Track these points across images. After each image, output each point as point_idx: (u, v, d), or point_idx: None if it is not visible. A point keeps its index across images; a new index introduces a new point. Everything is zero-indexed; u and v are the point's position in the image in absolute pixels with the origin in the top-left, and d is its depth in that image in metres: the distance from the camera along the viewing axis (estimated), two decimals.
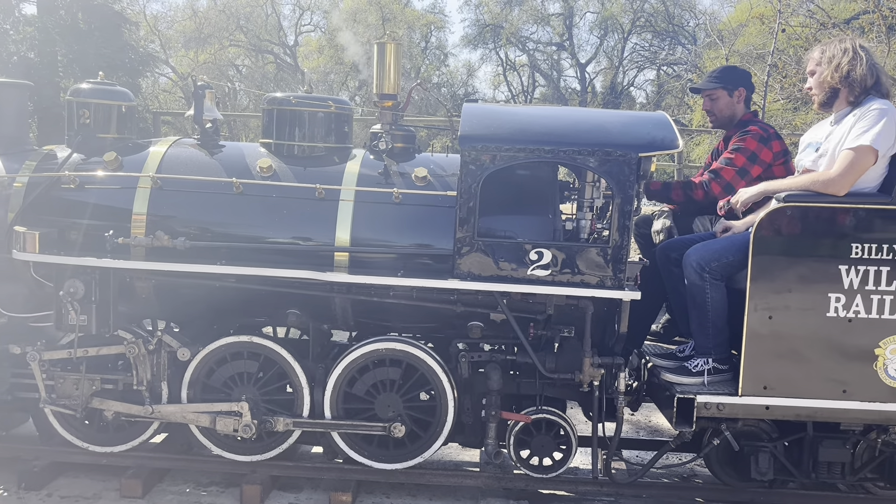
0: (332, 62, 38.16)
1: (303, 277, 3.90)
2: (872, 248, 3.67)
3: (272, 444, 4.25)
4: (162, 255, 3.97)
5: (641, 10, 41.00)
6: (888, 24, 11.89)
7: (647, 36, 42.35)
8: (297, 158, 4.28)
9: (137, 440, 4.28)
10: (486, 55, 43.71)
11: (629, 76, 43.12)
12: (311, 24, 40.79)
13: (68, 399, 4.08)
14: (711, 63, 24.67)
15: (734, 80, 4.58)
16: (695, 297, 3.90)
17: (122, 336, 4.11)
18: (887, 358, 3.73)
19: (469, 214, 3.79)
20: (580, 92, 41.58)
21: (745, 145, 4.31)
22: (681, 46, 40.91)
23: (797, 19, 14.43)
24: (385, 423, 4.08)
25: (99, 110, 4.34)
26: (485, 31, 42.61)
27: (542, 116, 4.07)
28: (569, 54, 43.44)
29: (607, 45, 43.67)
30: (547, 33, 43.52)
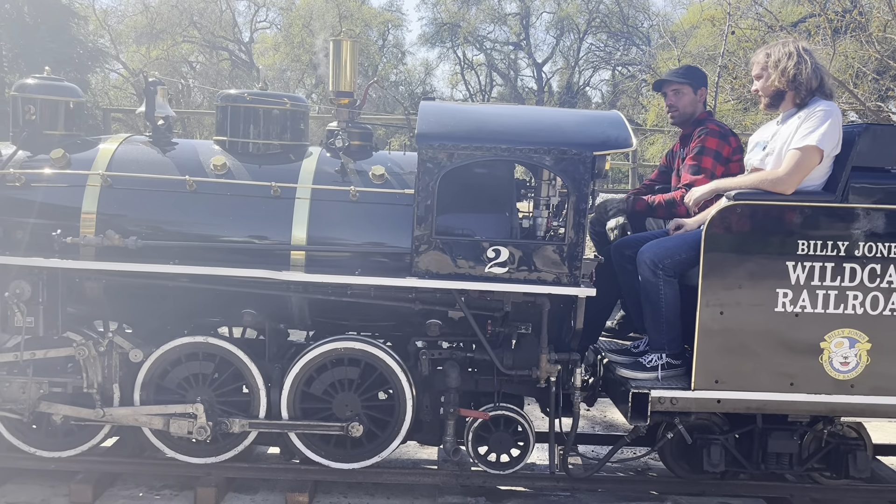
0: (289, 59, 37.85)
1: (259, 277, 3.86)
2: (818, 245, 3.78)
3: (228, 445, 4.21)
4: (113, 254, 3.89)
5: (597, 11, 41.50)
6: (833, 27, 12.23)
7: (602, 36, 42.89)
8: (252, 156, 4.24)
9: (87, 444, 4.20)
10: (443, 54, 43.77)
11: (585, 76, 43.61)
12: (267, 20, 40.34)
13: (14, 403, 3.98)
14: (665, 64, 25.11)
15: (698, 78, 4.66)
16: (648, 294, 3.96)
17: (71, 338, 4.02)
18: (832, 351, 3.84)
19: (427, 212, 3.80)
20: (537, 91, 41.92)
21: (707, 145, 4.37)
22: (635, 47, 41.54)
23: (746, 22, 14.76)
24: (343, 423, 4.06)
25: (45, 106, 4.24)
26: (442, 30, 42.70)
27: (499, 115, 4.10)
28: (525, 54, 43.75)
29: (563, 46, 44.06)
30: (504, 33, 43.74)
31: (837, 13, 12.51)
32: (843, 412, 3.95)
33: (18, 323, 3.87)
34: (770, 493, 4.26)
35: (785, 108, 3.96)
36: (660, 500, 4.13)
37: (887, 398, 3.87)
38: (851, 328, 3.82)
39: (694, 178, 4.32)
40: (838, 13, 12.51)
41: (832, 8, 12.69)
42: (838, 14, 12.47)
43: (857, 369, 3.85)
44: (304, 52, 37.22)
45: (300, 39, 36.78)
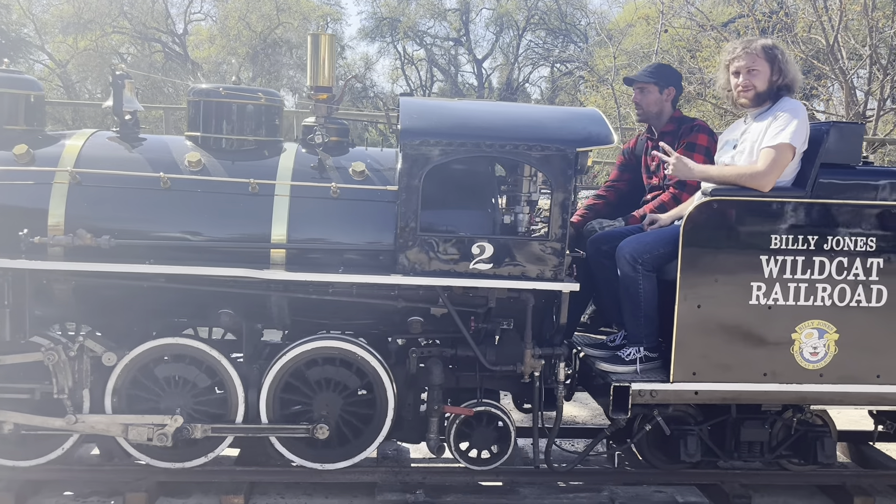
0: (225, 52, 37.16)
1: (239, 276, 3.80)
2: (789, 239, 3.92)
3: (206, 448, 4.13)
4: (83, 254, 3.77)
5: (535, 8, 41.99)
6: (761, 27, 12.70)
7: (541, 33, 43.45)
8: (226, 152, 4.16)
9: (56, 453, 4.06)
10: (383, 49, 43.64)
11: (524, 72, 44.12)
12: (202, 12, 39.50)
13: None
14: (601, 62, 25.61)
15: (666, 77, 4.76)
16: (628, 288, 4.05)
17: (38, 342, 3.88)
18: (802, 342, 4.00)
19: (411, 209, 3.81)
20: (477, 87, 42.20)
21: (699, 142, 4.49)
22: (573, 44, 42.21)
23: (679, 21, 15.18)
24: (309, 426, 4.02)
25: (4, 100, 4.08)
26: (382, 25, 42.54)
27: (481, 111, 4.13)
28: (466, 50, 43.97)
29: (503, 42, 44.46)
30: (444, 28, 43.86)
31: (765, 14, 12.97)
32: (813, 401, 4.11)
33: None
34: (702, 480, 4.37)
35: (761, 108, 4.07)
36: (596, 490, 4.20)
37: (853, 386, 4.05)
38: (820, 319, 3.98)
39: None
40: (766, 14, 12.97)
41: (760, 9, 13.14)
42: (766, 15, 12.93)
43: (826, 359, 4.01)
44: (240, 45, 36.61)
45: (236, 32, 36.15)
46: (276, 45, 37.73)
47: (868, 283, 3.97)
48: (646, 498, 4.14)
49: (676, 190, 4.53)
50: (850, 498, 4.27)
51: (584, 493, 4.18)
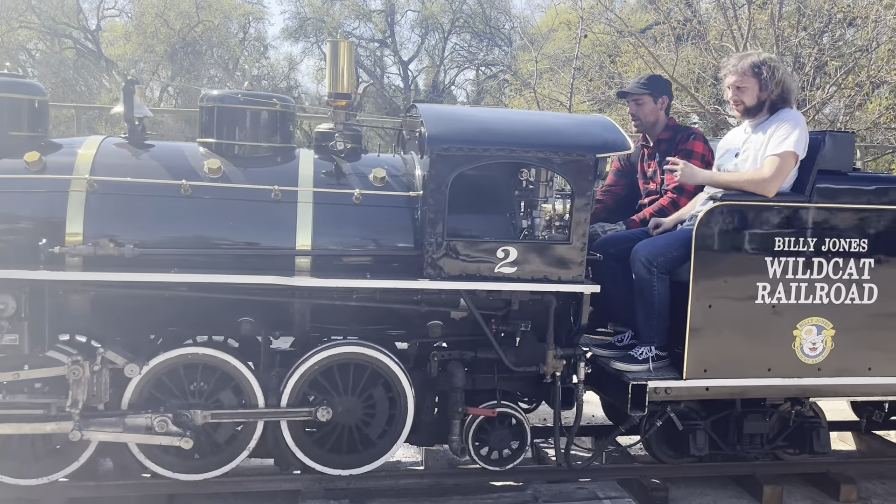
0: (142, 50, 36.13)
1: (273, 283, 3.83)
2: (791, 241, 4.22)
3: (223, 460, 4.12)
4: (105, 264, 3.73)
5: (460, 11, 42.46)
6: (676, 34, 13.31)
7: (466, 36, 43.93)
8: (242, 159, 4.16)
9: (71, 467, 3.98)
10: (307, 49, 43.24)
11: (450, 75, 44.52)
12: (116, 8, 38.31)
13: None
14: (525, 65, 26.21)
15: (659, 87, 5.01)
16: (642, 290, 4.26)
17: (56, 356, 3.81)
18: (803, 338, 4.29)
19: (438, 215, 3.91)
20: (403, 90, 42.35)
21: (696, 149, 4.75)
22: (497, 48, 42.87)
23: (598, 27, 15.70)
24: (310, 409, 4.05)
25: (8, 105, 3.98)
26: (306, 25, 42.16)
27: (500, 118, 4.26)
28: (391, 51, 44.04)
29: (429, 44, 44.73)
30: (369, 30, 43.82)
31: (680, 22, 13.59)
32: (813, 394, 4.42)
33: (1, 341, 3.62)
34: (622, 475, 4.58)
35: (760, 118, 4.36)
36: (520, 489, 4.30)
37: (849, 379, 4.37)
38: (819, 316, 4.29)
39: None
40: (680, 22, 13.59)
41: (675, 17, 13.76)
42: (680, 23, 13.55)
43: (824, 354, 4.32)
44: (158, 43, 35.67)
45: (153, 29, 35.22)
46: (196, 44, 36.94)
47: (861, 281, 4.30)
48: (568, 495, 4.25)
49: (675, 195, 4.78)
50: (760, 487, 4.54)
51: (508, 492, 4.27)
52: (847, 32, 13.22)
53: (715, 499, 4.59)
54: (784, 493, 4.55)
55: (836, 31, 12.91)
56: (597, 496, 4.21)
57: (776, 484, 4.56)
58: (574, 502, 4.14)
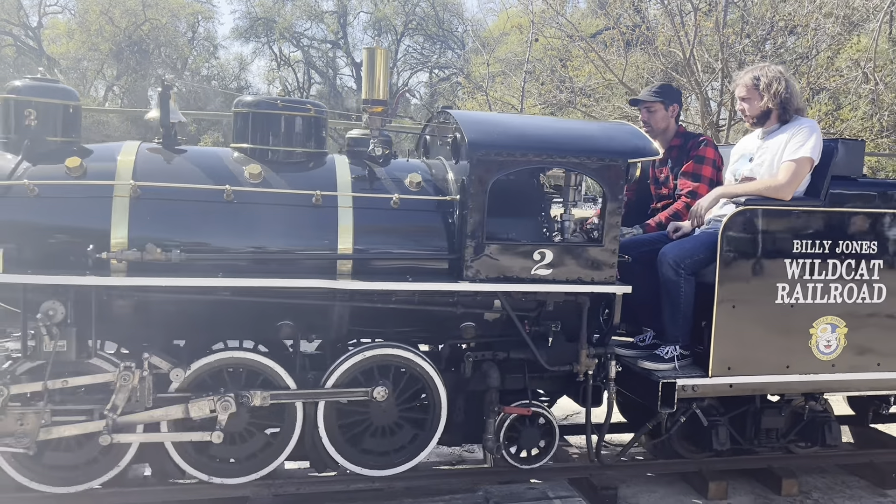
0: (85, 48, 35.49)
1: (323, 287, 3.93)
2: (808, 244, 4.49)
3: (260, 463, 4.20)
4: (151, 269, 3.78)
5: (413, 14, 42.67)
6: (626, 39, 13.76)
7: (419, 39, 44.17)
8: (277, 164, 4.25)
9: (112, 473, 4.02)
10: (258, 49, 42.98)
11: (403, 77, 44.71)
12: (59, 5, 37.55)
13: (12, 437, 3.72)
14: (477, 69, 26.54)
15: (670, 95, 5.25)
16: (669, 291, 4.48)
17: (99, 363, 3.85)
18: (818, 336, 4.57)
19: (477, 218, 4.06)
20: (356, 91, 42.33)
21: (707, 155, 4.99)
22: (450, 51, 43.20)
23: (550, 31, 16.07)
24: (367, 389, 4.18)
25: (45, 110, 4.00)
26: (257, 25, 41.89)
27: (533, 125, 4.44)
28: (344, 52, 44.00)
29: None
30: (321, 31, 43.75)
31: (629, 27, 14.02)
32: (827, 389, 4.70)
33: (48, 348, 3.65)
34: (572, 475, 4.70)
35: (769, 126, 4.64)
36: (471, 490, 4.38)
37: (860, 374, 4.67)
38: (833, 315, 4.57)
39: (695, 185, 4.93)
40: (629, 27, 14.02)
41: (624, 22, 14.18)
42: (630, 28, 13.98)
43: (837, 351, 4.60)
44: (102, 41, 35.05)
45: (98, 27, 34.62)
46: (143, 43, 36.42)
47: (871, 281, 4.60)
48: (519, 495, 4.33)
49: (689, 199, 5.02)
50: (706, 483, 4.74)
51: (459, 493, 4.34)
52: (788, 40, 13.82)
53: (663, 496, 4.76)
54: (728, 489, 4.75)
55: (778, 39, 13.48)
56: (547, 496, 4.32)
57: (721, 480, 4.75)
58: (525, 502, 4.25)
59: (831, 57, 13.38)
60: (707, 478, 4.77)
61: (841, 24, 12.73)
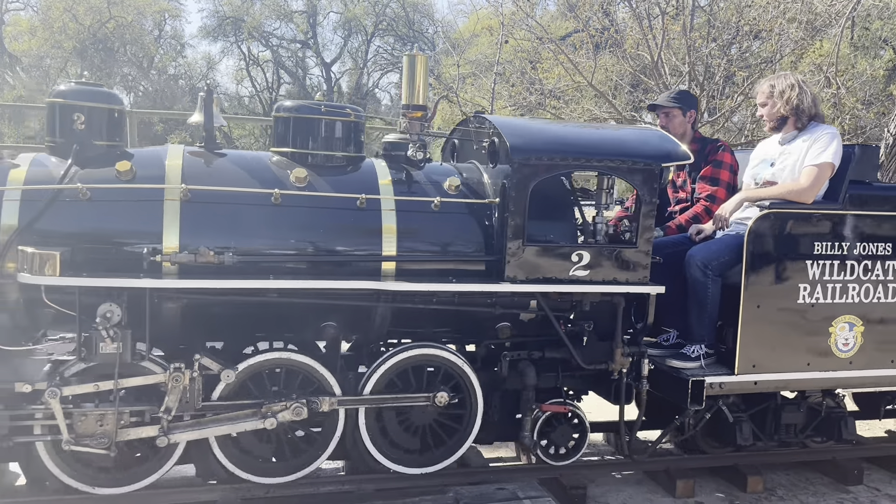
0: (48, 45, 35.00)
1: (373, 289, 4.07)
2: (827, 245, 4.73)
3: (304, 462, 4.32)
4: (203, 271, 3.89)
5: (383, 14, 42.75)
6: (595, 42, 14.09)
7: (389, 39, 44.25)
8: (318, 168, 4.37)
9: (156, 475, 4.11)
10: (227, 48, 42.70)
11: (374, 78, 44.76)
12: (21, 1, 36.98)
13: (93, 437, 3.82)
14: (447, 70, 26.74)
15: (688, 102, 5.47)
16: (696, 292, 4.69)
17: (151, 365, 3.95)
18: (837, 335, 4.81)
19: (519, 221, 4.23)
20: (326, 91, 42.33)
21: (725, 160, 5.21)
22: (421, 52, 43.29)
23: (520, 33, 16.36)
24: (428, 394, 4.35)
25: (93, 114, 4.09)
26: (225, 24, 41.63)
27: (572, 130, 4.63)
28: (314, 52, 43.91)
29: (351, 46, 44.82)
30: (291, 30, 43.60)
31: (598, 30, 14.34)
32: (846, 385, 4.96)
33: (105, 349, 3.73)
34: (541, 474, 4.76)
35: (787, 131, 4.88)
36: (441, 492, 4.42)
37: (876, 371, 4.92)
38: (851, 314, 4.82)
39: (713, 188, 5.15)
40: (598, 30, 14.35)
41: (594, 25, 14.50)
42: (599, 31, 14.30)
43: (854, 348, 4.85)
44: (66, 39, 34.62)
45: (61, 24, 34.19)
46: (108, 41, 36.06)
47: (886, 282, 4.85)
48: (489, 496, 4.41)
49: (707, 202, 5.24)
50: (673, 481, 4.87)
51: (429, 495, 4.37)
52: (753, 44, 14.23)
53: (631, 494, 4.88)
54: (695, 487, 4.89)
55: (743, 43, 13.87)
56: (517, 496, 4.41)
57: (688, 478, 4.89)
58: (495, 503, 4.33)
59: (795, 61, 13.78)
60: (674, 476, 4.89)
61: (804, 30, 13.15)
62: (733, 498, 4.93)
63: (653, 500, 4.81)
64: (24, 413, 3.82)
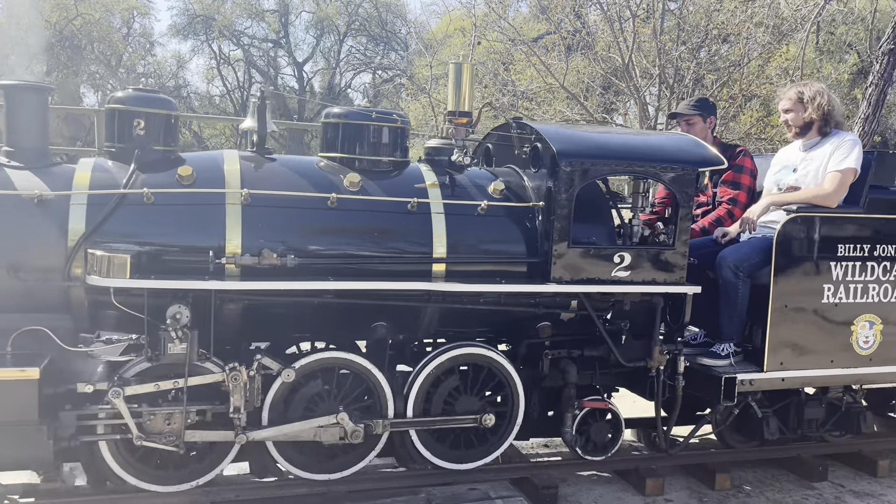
0: (11, 43, 34.51)
1: (431, 289, 4.27)
2: (850, 248, 5.02)
3: (352, 460, 4.50)
4: (266, 273, 4.05)
5: (356, 14, 42.83)
6: (567, 44, 14.46)
7: (362, 40, 44.30)
8: (364, 172, 4.54)
9: (213, 473, 4.26)
10: (197, 47, 42.44)
11: (346, 78, 44.78)
12: None
13: (161, 435, 3.97)
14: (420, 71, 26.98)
15: (708, 109, 5.75)
16: (728, 293, 4.95)
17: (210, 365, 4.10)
18: (858, 333, 5.11)
19: (565, 224, 4.45)
20: (299, 91, 42.28)
21: (746, 164, 5.48)
22: (394, 52, 43.52)
23: (492, 34, 16.69)
24: (476, 416, 4.56)
25: (152, 120, 4.23)
26: (195, 22, 41.41)
27: (612, 136, 4.87)
28: (286, 52, 43.83)
29: (324, 46, 44.82)
30: (262, 29, 43.46)
31: (570, 32, 14.71)
32: (866, 381, 5.27)
33: (172, 350, 3.88)
34: (512, 474, 4.89)
35: (810, 137, 5.17)
36: (413, 493, 4.52)
37: (893, 367, 5.22)
38: (871, 313, 5.13)
39: (735, 192, 5.43)
40: (570, 32, 14.72)
41: (566, 27, 14.87)
42: (570, 33, 14.67)
43: (874, 346, 5.16)
44: (31, 36, 34.18)
45: (27, 21, 33.75)
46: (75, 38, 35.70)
47: None
48: (461, 496, 4.52)
49: (730, 206, 5.52)
50: (643, 480, 4.97)
51: (401, 496, 4.48)
52: (722, 48, 14.71)
53: (602, 493, 4.98)
54: (665, 484, 5.02)
55: (712, 47, 14.35)
56: (489, 496, 4.53)
57: (657, 476, 5.02)
58: (467, 503, 4.47)
59: (762, 65, 14.28)
60: (644, 475, 5.01)
61: (771, 34, 13.66)
62: (702, 495, 5.06)
63: (623, 499, 4.93)
64: (89, 413, 3.96)
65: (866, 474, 5.52)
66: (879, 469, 5.48)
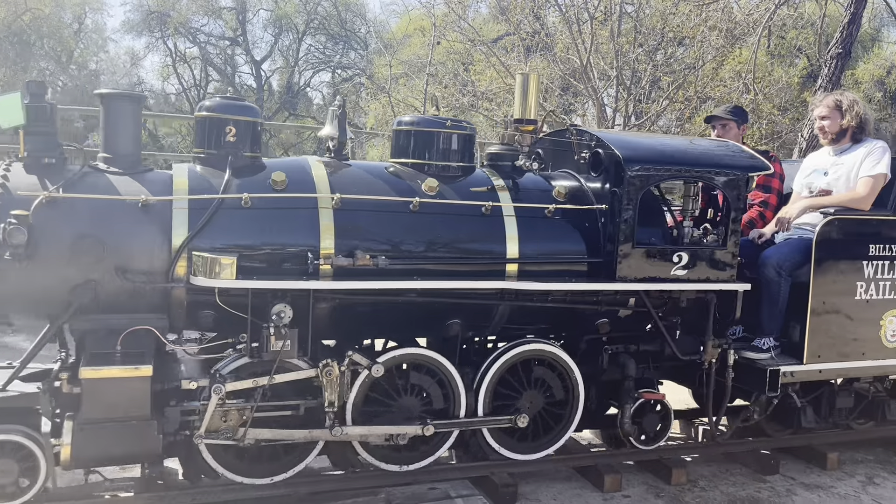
0: None
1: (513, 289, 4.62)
2: (880, 248, 5.50)
3: (429, 451, 4.82)
4: (349, 274, 4.35)
5: (315, 13, 42.87)
6: (526, 45, 14.93)
7: (321, 38, 44.34)
8: (436, 177, 4.84)
9: (301, 465, 4.54)
10: (152, 44, 42.03)
11: (305, 77, 44.75)
12: None
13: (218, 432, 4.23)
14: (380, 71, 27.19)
15: (742, 115, 6.20)
16: (770, 290, 5.38)
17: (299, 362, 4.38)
18: (887, 327, 5.59)
19: (629, 226, 4.83)
20: (256, 89, 42.15)
21: (775, 169, 5.92)
22: (354, 51, 43.67)
23: (452, 34, 17.11)
24: (510, 416, 4.90)
25: (242, 127, 4.49)
26: (150, 19, 41.01)
27: (667, 144, 5.26)
28: (243, 50, 43.64)
29: (282, 45, 44.74)
30: (219, 27, 43.21)
31: (529, 34, 15.19)
32: (893, 372, 5.73)
33: (275, 347, 4.14)
34: (473, 473, 5.00)
35: (842, 143, 5.64)
36: (373, 493, 4.61)
37: None
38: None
39: (766, 195, 5.88)
40: (530, 34, 15.20)
41: (525, 29, 15.35)
42: (530, 35, 15.15)
43: None
44: None
45: None
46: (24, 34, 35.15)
47: None
48: (422, 496, 4.66)
49: (761, 208, 5.96)
50: (601, 477, 5.12)
51: (362, 497, 4.56)
52: (677, 51, 15.32)
53: (561, 490, 5.11)
54: (622, 481, 5.17)
55: (668, 49, 14.94)
56: (449, 496, 4.70)
57: (615, 473, 5.18)
58: (427, 503, 4.62)
59: (716, 68, 14.88)
60: (602, 471, 5.15)
61: (724, 37, 14.29)
62: (659, 490, 5.23)
63: (582, 495, 5.06)
64: (191, 408, 4.20)
65: (816, 467, 5.80)
66: (829, 462, 5.78)
